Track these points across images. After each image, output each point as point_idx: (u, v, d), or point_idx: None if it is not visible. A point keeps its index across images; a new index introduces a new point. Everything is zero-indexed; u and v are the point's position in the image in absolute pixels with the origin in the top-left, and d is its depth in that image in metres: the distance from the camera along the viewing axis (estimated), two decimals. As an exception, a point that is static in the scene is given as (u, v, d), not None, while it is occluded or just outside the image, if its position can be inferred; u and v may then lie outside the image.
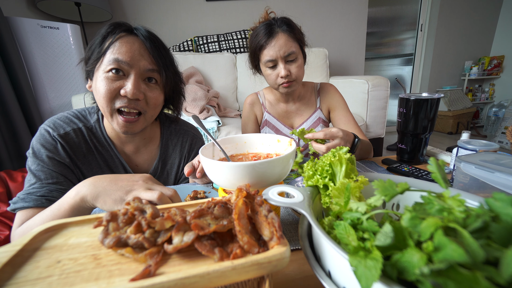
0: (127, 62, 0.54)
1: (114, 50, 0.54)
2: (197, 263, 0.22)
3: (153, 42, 0.58)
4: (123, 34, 0.56)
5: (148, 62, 0.57)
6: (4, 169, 1.30)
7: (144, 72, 0.57)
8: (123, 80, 0.55)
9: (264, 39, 0.80)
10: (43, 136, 0.59)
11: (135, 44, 0.56)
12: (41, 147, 0.57)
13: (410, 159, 0.77)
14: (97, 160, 0.65)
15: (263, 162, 0.34)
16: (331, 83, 1.01)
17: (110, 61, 0.54)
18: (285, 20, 0.82)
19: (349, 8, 2.71)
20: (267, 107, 1.00)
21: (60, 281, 0.20)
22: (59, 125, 0.61)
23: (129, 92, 0.54)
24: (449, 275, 0.16)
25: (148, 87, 0.59)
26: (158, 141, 0.74)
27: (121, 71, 0.55)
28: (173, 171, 0.76)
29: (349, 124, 0.92)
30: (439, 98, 0.71)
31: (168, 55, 0.62)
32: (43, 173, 0.56)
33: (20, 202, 0.52)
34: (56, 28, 1.65)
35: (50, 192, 0.54)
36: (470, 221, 0.20)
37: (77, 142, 0.62)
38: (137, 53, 0.56)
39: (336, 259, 0.22)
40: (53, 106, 1.68)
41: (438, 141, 3.02)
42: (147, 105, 0.60)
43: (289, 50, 0.80)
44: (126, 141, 0.68)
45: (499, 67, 3.36)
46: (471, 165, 0.43)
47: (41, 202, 0.52)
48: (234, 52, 2.30)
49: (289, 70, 0.82)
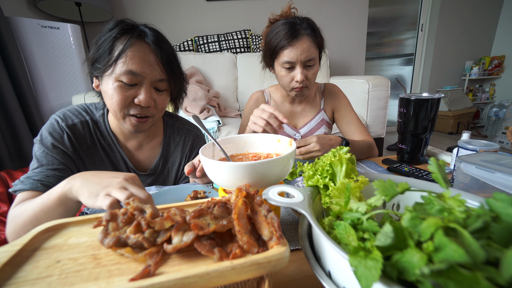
0: (140, 73, 0.57)
1: (126, 60, 0.55)
2: (196, 263, 0.22)
3: (162, 48, 0.60)
4: (134, 41, 0.57)
5: (158, 72, 0.60)
6: (4, 169, 1.30)
7: (154, 82, 0.60)
8: (135, 89, 0.58)
9: (287, 39, 0.77)
10: (52, 125, 0.62)
11: (146, 53, 0.57)
12: (49, 135, 0.61)
13: (410, 159, 0.77)
14: (100, 154, 0.68)
15: (263, 162, 0.34)
16: (334, 84, 1.01)
17: (123, 71, 0.55)
18: (309, 22, 0.80)
19: (349, 8, 2.71)
20: (272, 106, 0.98)
21: (59, 281, 0.20)
22: (68, 116, 0.64)
23: (143, 102, 0.58)
24: (449, 275, 0.16)
25: (157, 94, 0.62)
26: (160, 138, 0.76)
27: (134, 83, 0.58)
28: (174, 170, 0.77)
29: (352, 125, 0.92)
30: (439, 98, 0.71)
31: (175, 61, 0.64)
32: (45, 159, 0.59)
33: (19, 184, 0.55)
34: (56, 28, 1.65)
35: (47, 177, 0.56)
36: (471, 221, 0.20)
37: (83, 134, 0.65)
38: (148, 64, 0.58)
39: (336, 259, 0.22)
40: (53, 106, 1.68)
41: (439, 141, 3.02)
42: (156, 110, 0.63)
43: (310, 56, 0.78)
44: (130, 137, 0.70)
45: (500, 67, 3.36)
46: (471, 165, 0.43)
47: (36, 186, 0.55)
48: (234, 52, 2.30)
49: (306, 75, 0.81)
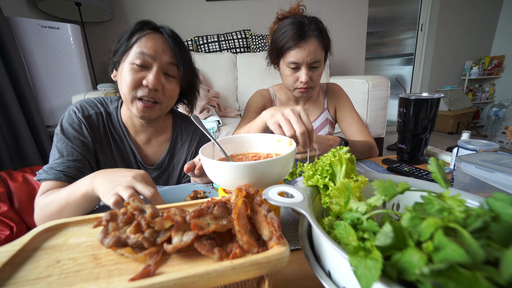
0: (151, 55, 0.60)
1: (140, 44, 0.61)
2: (196, 263, 0.22)
3: (175, 40, 0.65)
4: (149, 32, 0.62)
5: (169, 56, 0.63)
6: (4, 169, 1.30)
7: (165, 65, 0.63)
8: (146, 72, 0.61)
9: (294, 40, 0.77)
10: (70, 116, 0.65)
11: (160, 41, 0.62)
12: (69, 126, 0.64)
13: (410, 159, 0.77)
14: (110, 145, 0.70)
15: (263, 162, 0.34)
16: (336, 83, 1.01)
17: (136, 53, 0.60)
18: (318, 23, 0.80)
19: (349, 8, 2.71)
20: (277, 105, 0.97)
21: (59, 281, 0.20)
22: (84, 107, 0.67)
23: (150, 83, 0.60)
24: (449, 275, 0.16)
25: (167, 80, 0.65)
26: (169, 135, 0.78)
27: (145, 65, 0.61)
28: (179, 166, 0.79)
29: (353, 124, 0.92)
30: (439, 98, 0.71)
31: (187, 53, 0.68)
32: (66, 150, 0.62)
33: (43, 174, 0.58)
34: (56, 28, 1.65)
35: (68, 168, 0.60)
36: (470, 221, 0.20)
37: (97, 125, 0.68)
38: (160, 48, 0.62)
39: (336, 259, 0.22)
40: (53, 106, 1.68)
41: (438, 141, 3.02)
42: (164, 95, 0.65)
43: (316, 58, 0.78)
44: (140, 130, 0.73)
45: (500, 67, 3.36)
46: (471, 165, 0.43)
47: (59, 176, 0.58)
48: (234, 52, 2.30)
49: (311, 76, 0.80)
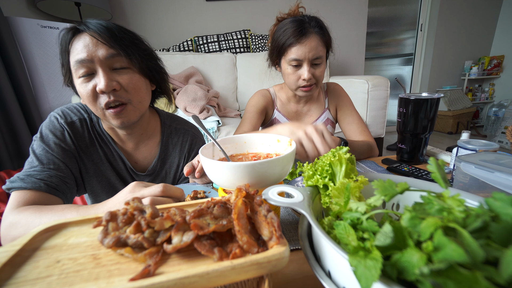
0: (86, 59, 0.53)
1: (73, 53, 0.55)
2: (196, 263, 0.22)
3: (106, 28, 0.56)
4: (73, 36, 0.56)
5: (105, 49, 0.55)
6: (4, 169, 1.30)
7: (106, 60, 0.55)
8: (95, 79, 0.55)
9: (295, 36, 0.77)
10: (52, 122, 0.61)
11: (86, 39, 0.54)
12: (49, 133, 0.59)
13: (410, 159, 0.77)
14: (98, 152, 0.67)
15: (263, 162, 0.34)
16: (336, 83, 1.01)
17: (74, 66, 0.55)
18: (318, 21, 0.80)
19: (349, 8, 2.71)
20: (278, 105, 0.97)
21: (59, 281, 0.20)
22: (67, 113, 0.63)
23: (103, 86, 0.53)
24: (449, 275, 0.16)
25: (119, 74, 0.57)
26: (158, 139, 0.74)
27: (90, 72, 0.55)
28: (172, 171, 0.76)
29: (353, 124, 0.92)
30: (439, 98, 0.71)
31: (128, 36, 0.59)
32: (46, 158, 0.57)
33: (18, 181, 0.52)
34: (56, 28, 1.65)
35: (50, 177, 0.55)
36: (470, 221, 0.20)
37: (81, 132, 0.64)
38: (91, 45, 0.54)
39: (336, 259, 0.22)
40: (53, 106, 1.68)
41: (438, 141, 3.02)
42: (127, 92, 0.58)
43: (318, 54, 0.78)
44: (125, 139, 0.69)
45: (499, 67, 3.36)
46: (471, 165, 0.43)
47: (39, 185, 0.53)
48: (234, 52, 2.30)
49: (313, 73, 0.80)
